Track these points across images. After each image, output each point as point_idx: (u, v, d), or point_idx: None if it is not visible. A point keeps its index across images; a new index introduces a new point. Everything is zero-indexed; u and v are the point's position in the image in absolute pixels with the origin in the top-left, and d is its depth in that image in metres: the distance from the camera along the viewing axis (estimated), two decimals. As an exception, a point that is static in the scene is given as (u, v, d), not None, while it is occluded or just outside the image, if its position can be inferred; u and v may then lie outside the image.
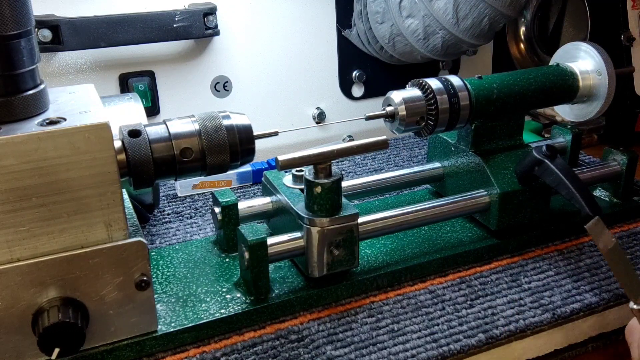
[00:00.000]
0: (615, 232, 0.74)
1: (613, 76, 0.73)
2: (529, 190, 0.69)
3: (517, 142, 0.73)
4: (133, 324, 0.54)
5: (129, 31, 0.83)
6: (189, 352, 0.56)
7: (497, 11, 0.83)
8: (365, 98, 1.03)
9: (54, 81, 0.84)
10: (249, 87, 0.95)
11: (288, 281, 0.63)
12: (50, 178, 0.47)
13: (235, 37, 0.92)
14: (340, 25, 0.98)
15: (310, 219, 0.60)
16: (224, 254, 0.68)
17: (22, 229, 0.48)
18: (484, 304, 0.62)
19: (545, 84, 0.72)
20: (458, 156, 0.74)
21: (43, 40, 0.79)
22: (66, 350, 0.50)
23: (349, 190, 0.73)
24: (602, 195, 0.79)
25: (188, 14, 0.85)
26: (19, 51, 0.47)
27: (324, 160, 0.60)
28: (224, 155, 0.55)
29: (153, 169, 0.53)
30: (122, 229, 0.51)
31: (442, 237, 0.71)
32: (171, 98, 0.91)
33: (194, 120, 0.55)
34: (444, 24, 0.85)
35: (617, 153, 0.76)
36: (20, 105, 0.48)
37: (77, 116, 0.48)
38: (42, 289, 0.49)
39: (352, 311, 0.61)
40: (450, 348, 0.56)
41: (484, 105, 0.69)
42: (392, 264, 0.66)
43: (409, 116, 0.66)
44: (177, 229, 0.76)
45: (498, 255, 0.70)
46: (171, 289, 0.62)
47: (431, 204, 0.69)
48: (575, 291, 0.64)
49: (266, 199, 0.69)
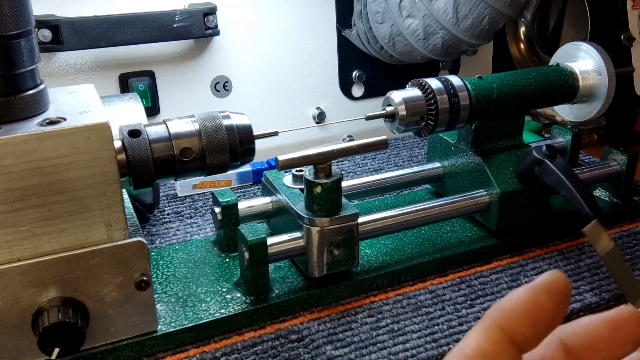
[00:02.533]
0: (615, 232, 0.74)
1: (613, 76, 0.73)
2: (529, 190, 0.69)
3: (517, 142, 0.73)
4: (133, 324, 0.54)
5: (129, 31, 0.83)
6: (189, 352, 0.56)
7: (497, 11, 0.83)
8: (365, 98, 1.03)
9: (54, 81, 0.84)
10: (249, 87, 0.95)
11: (288, 281, 0.63)
12: (50, 178, 0.47)
13: (235, 37, 0.92)
14: (340, 25, 0.98)
15: (310, 219, 0.60)
16: (224, 254, 0.68)
17: (22, 229, 0.48)
18: (484, 304, 0.62)
19: (545, 84, 0.72)
20: (458, 156, 0.74)
21: (43, 40, 0.79)
22: (66, 350, 0.50)
23: (349, 190, 0.73)
24: (602, 195, 0.79)
25: (188, 14, 0.85)
26: (19, 51, 0.47)
27: (324, 160, 0.60)
28: (224, 155, 0.55)
29: (153, 169, 0.53)
30: (122, 229, 0.51)
31: (442, 237, 0.71)
32: (171, 98, 0.91)
33: (194, 120, 0.55)
34: (444, 24, 0.85)
35: (617, 153, 0.76)
36: (20, 105, 0.48)
37: (77, 116, 0.48)
38: (42, 289, 0.49)
39: (352, 311, 0.61)
40: (450, 348, 0.56)
41: (484, 105, 0.69)
42: (392, 264, 0.66)
43: (409, 116, 0.66)
44: (177, 229, 0.76)
45: (498, 255, 0.70)
46: (171, 289, 0.62)
47: (431, 204, 0.69)
48: (575, 291, 0.64)
49: (266, 199, 0.69)
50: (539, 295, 0.24)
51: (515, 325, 0.24)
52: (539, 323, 0.24)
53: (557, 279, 0.24)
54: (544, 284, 0.24)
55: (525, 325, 0.24)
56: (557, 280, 0.24)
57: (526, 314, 0.24)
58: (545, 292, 0.24)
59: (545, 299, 0.24)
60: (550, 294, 0.24)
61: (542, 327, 0.24)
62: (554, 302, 0.24)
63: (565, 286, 0.24)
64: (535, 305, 0.24)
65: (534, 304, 0.24)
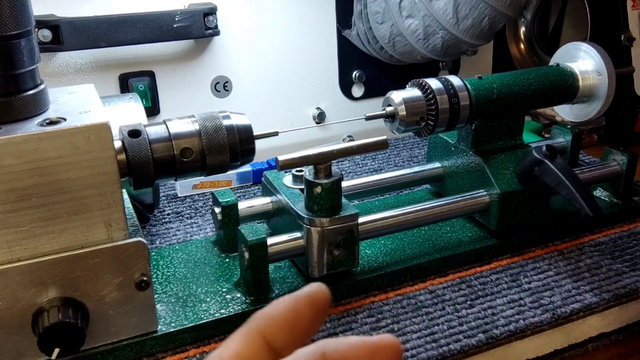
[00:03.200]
0: (615, 232, 0.74)
1: (613, 76, 0.73)
2: (529, 190, 0.69)
3: (517, 142, 0.73)
4: (133, 324, 0.54)
5: (129, 31, 0.83)
6: (189, 352, 0.56)
7: (497, 11, 0.83)
8: (365, 98, 1.03)
9: (54, 81, 0.84)
10: (249, 87, 0.95)
11: (288, 281, 0.63)
12: (50, 178, 0.47)
13: (235, 37, 0.92)
14: (340, 25, 0.98)
15: (310, 219, 0.60)
16: (224, 254, 0.68)
17: (22, 229, 0.48)
18: (484, 304, 0.62)
19: (545, 84, 0.72)
20: (458, 156, 0.74)
21: (43, 40, 0.79)
22: (66, 350, 0.50)
23: (349, 190, 0.73)
24: (602, 195, 0.79)
25: (188, 14, 0.85)
26: (19, 51, 0.47)
27: (324, 160, 0.60)
28: (224, 156, 0.55)
29: (153, 169, 0.53)
30: (122, 229, 0.51)
31: (442, 237, 0.71)
32: (171, 98, 0.91)
33: (194, 121, 0.55)
34: (444, 24, 0.85)
35: (617, 153, 0.76)
36: (20, 105, 0.48)
37: (77, 116, 0.48)
38: (42, 289, 0.49)
39: (352, 311, 0.61)
40: (450, 348, 0.56)
41: (484, 105, 0.69)
42: (392, 264, 0.66)
43: (409, 116, 0.66)
44: (177, 229, 0.76)
45: (498, 255, 0.70)
46: (171, 289, 0.62)
47: (431, 204, 0.69)
48: (575, 291, 0.64)
49: (266, 199, 0.69)
50: (301, 304, 0.26)
51: (274, 331, 0.25)
52: (298, 330, 0.26)
53: (320, 291, 0.26)
54: (306, 295, 0.26)
55: (284, 332, 0.26)
56: (319, 291, 0.26)
57: (287, 322, 0.26)
58: (306, 302, 0.26)
59: (306, 309, 0.26)
60: (312, 304, 0.26)
61: (301, 334, 0.26)
62: (314, 312, 0.26)
63: (327, 298, 0.26)
64: (295, 314, 0.26)
65: (295, 312, 0.26)
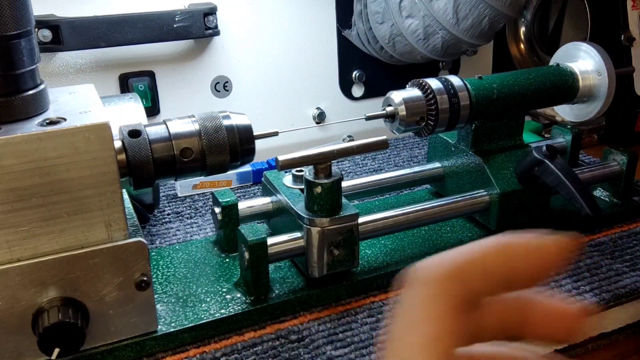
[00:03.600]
0: (615, 232, 0.74)
1: (613, 76, 0.73)
2: (529, 190, 0.69)
3: (517, 142, 0.73)
4: (133, 324, 0.54)
5: (129, 31, 0.83)
6: (189, 352, 0.56)
7: (497, 11, 0.83)
8: (365, 98, 1.03)
9: (54, 81, 0.84)
10: (249, 87, 0.95)
11: (288, 281, 0.63)
12: (50, 178, 0.47)
13: (235, 37, 0.92)
14: (340, 25, 0.98)
15: (310, 219, 0.60)
16: (224, 254, 0.68)
17: (22, 229, 0.48)
18: (484, 304, 0.62)
19: (545, 84, 0.72)
20: (458, 156, 0.74)
21: (43, 40, 0.79)
22: (66, 350, 0.50)
23: (349, 190, 0.73)
24: (602, 195, 0.79)
25: (188, 14, 0.85)
26: (19, 51, 0.47)
27: (324, 160, 0.60)
28: (224, 156, 0.55)
29: (153, 169, 0.52)
30: (122, 229, 0.51)
31: (442, 237, 0.71)
32: (171, 98, 0.91)
33: (194, 121, 0.55)
34: (444, 24, 0.85)
35: (617, 153, 0.76)
36: (20, 105, 0.48)
37: (77, 116, 0.48)
38: (42, 289, 0.49)
39: (352, 311, 0.61)
40: (450, 348, 0.56)
41: (484, 105, 0.69)
42: (392, 264, 0.66)
43: (409, 116, 0.66)
44: (177, 229, 0.76)
45: (498, 255, 0.70)
46: (171, 289, 0.62)
47: (431, 204, 0.69)
48: (575, 291, 0.64)
49: (266, 199, 0.69)
50: (548, 243, 0.25)
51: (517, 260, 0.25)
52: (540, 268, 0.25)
53: (573, 241, 0.25)
54: (554, 238, 0.25)
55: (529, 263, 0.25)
56: (571, 240, 0.25)
57: (529, 254, 0.25)
58: (553, 244, 0.25)
59: (553, 249, 0.25)
60: (559, 246, 0.25)
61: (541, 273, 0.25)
62: (560, 253, 0.25)
63: (574, 248, 0.25)
64: (541, 248, 0.25)
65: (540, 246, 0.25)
